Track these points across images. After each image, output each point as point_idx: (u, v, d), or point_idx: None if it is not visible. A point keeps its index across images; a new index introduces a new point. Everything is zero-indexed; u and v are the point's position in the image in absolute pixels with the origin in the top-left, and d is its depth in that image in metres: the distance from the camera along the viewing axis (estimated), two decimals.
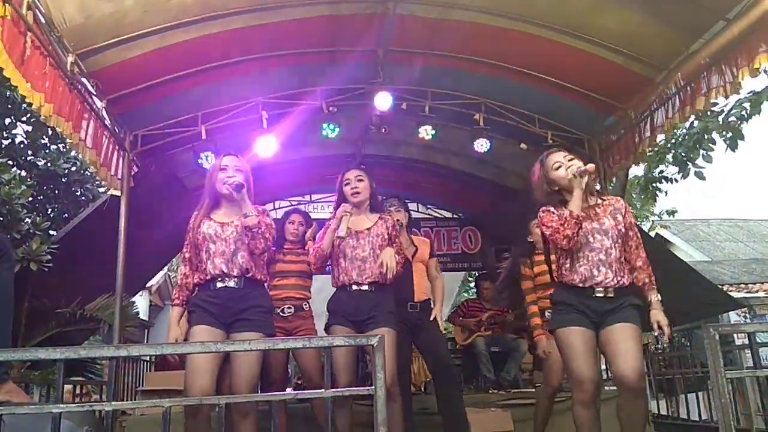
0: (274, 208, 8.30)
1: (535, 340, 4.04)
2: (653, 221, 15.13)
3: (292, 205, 8.38)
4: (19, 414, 1.58)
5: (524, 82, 5.11)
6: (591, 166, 2.75)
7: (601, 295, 2.67)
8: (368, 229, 3.29)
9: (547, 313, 3.92)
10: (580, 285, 2.69)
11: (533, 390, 5.60)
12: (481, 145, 5.70)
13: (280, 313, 3.82)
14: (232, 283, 2.83)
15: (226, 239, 2.88)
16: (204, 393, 2.54)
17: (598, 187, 2.88)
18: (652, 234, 14.45)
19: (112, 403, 2.91)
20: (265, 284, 3.05)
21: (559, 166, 2.81)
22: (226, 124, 5.09)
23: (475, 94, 5.43)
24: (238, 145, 5.17)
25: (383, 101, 5.09)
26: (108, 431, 3.37)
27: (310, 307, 4.00)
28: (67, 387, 5.36)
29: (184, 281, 2.98)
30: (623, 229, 2.75)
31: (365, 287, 3.20)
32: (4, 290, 1.85)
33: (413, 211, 8.30)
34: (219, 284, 2.84)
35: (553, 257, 3.00)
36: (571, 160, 2.82)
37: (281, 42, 4.53)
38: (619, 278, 2.69)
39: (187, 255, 3.01)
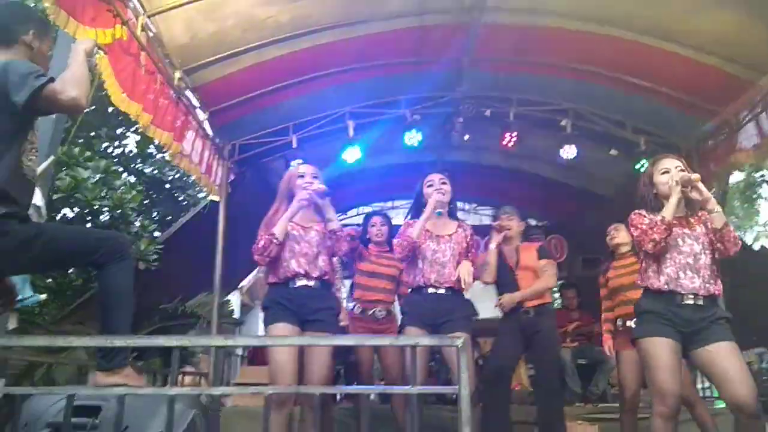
0: (358, 214, 8.54)
1: (603, 340, 3.98)
2: (758, 232, 14.09)
3: (374, 210, 8.58)
4: (138, 395, 1.77)
5: (615, 87, 4.98)
6: (696, 176, 2.67)
7: (690, 302, 2.56)
8: (449, 235, 3.34)
9: (625, 321, 3.81)
10: (666, 288, 2.60)
11: None
12: (568, 151, 5.59)
13: (372, 316, 3.93)
14: (311, 283, 2.94)
15: (310, 242, 2.99)
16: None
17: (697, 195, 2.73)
18: (757, 246, 13.47)
19: (220, 388, 3.17)
20: (333, 287, 3.15)
21: (666, 172, 2.75)
22: (315, 133, 5.32)
23: (563, 100, 5.35)
24: (326, 153, 5.42)
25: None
26: (215, 413, 3.62)
27: (394, 309, 4.07)
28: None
29: (264, 236, 2.95)
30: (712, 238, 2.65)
31: (442, 290, 3.24)
32: (126, 285, 2.08)
33: (495, 217, 8.29)
34: (299, 283, 2.93)
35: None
36: (682, 170, 2.75)
37: (368, 54, 4.69)
38: (708, 285, 2.58)
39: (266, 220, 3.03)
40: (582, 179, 6.77)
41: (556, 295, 8.78)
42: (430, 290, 3.25)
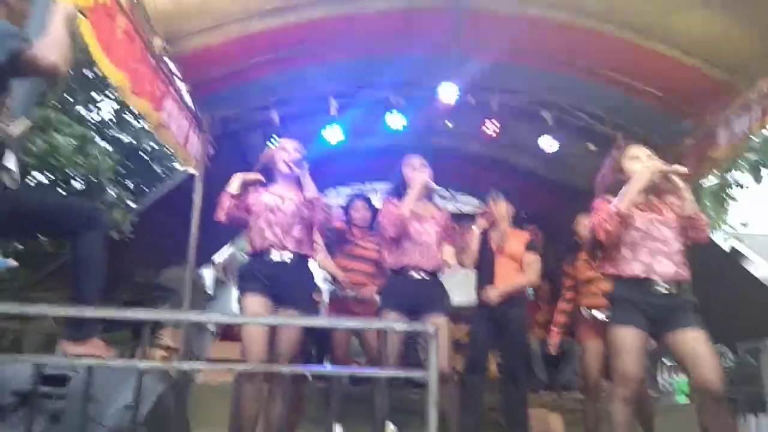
0: (337, 195, 8.51)
1: (550, 335, 4.11)
2: (729, 233, 14.43)
3: (354, 192, 8.57)
4: (107, 367, 1.76)
5: (596, 82, 5.02)
6: (683, 169, 2.70)
7: (663, 291, 2.63)
8: (432, 216, 3.40)
9: (591, 311, 3.90)
10: (641, 275, 2.65)
11: None
12: (548, 143, 5.64)
13: (357, 296, 3.96)
14: (286, 258, 2.98)
15: (285, 211, 3.04)
16: (260, 359, 2.79)
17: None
18: (726, 247, 13.78)
19: (190, 363, 3.18)
20: (309, 260, 3.20)
21: (637, 158, 2.79)
22: (297, 111, 5.26)
23: (545, 92, 5.37)
24: (307, 132, 5.36)
25: (449, 93, 5.10)
26: (184, 388, 3.63)
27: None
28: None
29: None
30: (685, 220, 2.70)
31: (423, 274, 3.30)
32: (97, 255, 2.06)
33: (475, 206, 8.34)
34: (273, 257, 2.98)
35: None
36: (651, 158, 2.78)
37: (354, 33, 4.63)
38: (679, 271, 2.65)
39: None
40: (560, 172, 6.84)
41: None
42: (412, 273, 3.29)
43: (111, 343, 5.59)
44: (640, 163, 2.76)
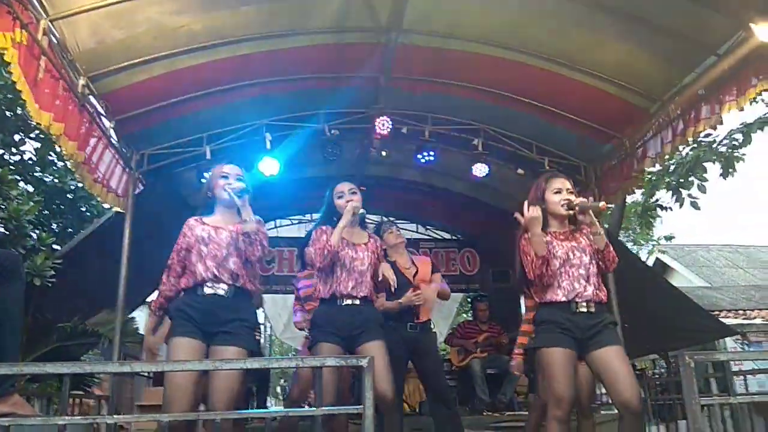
0: (276, 227, 8.43)
1: (512, 355, 4.20)
2: (653, 246, 15.22)
3: (293, 223, 8.52)
4: (25, 425, 1.66)
5: (522, 110, 5.24)
6: (603, 204, 2.90)
7: (584, 310, 2.76)
8: (365, 243, 3.32)
9: None
10: (564, 299, 2.78)
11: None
12: (480, 169, 5.82)
13: None
14: (221, 291, 2.76)
15: (219, 243, 2.83)
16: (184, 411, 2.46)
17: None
18: (652, 259, 14.53)
19: (114, 416, 2.98)
20: (253, 296, 2.96)
21: (558, 192, 2.90)
22: (231, 145, 5.21)
23: (475, 120, 5.56)
24: (242, 165, 5.28)
25: (382, 124, 5.24)
26: None
27: None
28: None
29: (162, 289, 2.91)
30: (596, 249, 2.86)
31: (357, 301, 3.18)
32: (15, 307, 1.95)
33: (413, 231, 8.46)
34: (207, 290, 2.76)
35: None
36: (571, 193, 2.91)
37: (286, 67, 4.67)
38: (598, 292, 2.80)
39: (170, 263, 2.91)
40: (491, 196, 7.05)
41: (469, 305, 8.88)
42: (346, 302, 3.18)
43: (38, 395, 5.25)
44: (560, 196, 2.89)
